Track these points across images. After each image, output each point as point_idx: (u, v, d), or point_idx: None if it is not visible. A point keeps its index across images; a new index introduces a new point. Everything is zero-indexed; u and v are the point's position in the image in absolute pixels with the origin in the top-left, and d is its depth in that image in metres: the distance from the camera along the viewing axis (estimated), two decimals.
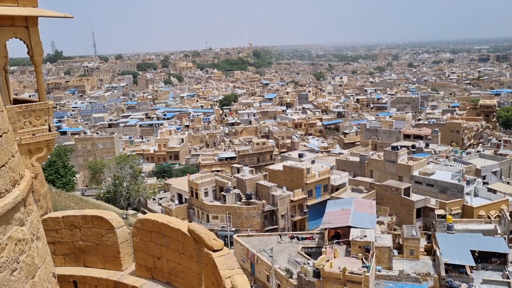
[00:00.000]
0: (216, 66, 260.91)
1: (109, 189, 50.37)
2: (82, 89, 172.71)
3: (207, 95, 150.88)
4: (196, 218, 52.06)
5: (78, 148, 78.62)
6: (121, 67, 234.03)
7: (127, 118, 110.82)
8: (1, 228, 5.54)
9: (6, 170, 5.98)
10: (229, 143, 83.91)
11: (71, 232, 10.08)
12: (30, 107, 9.92)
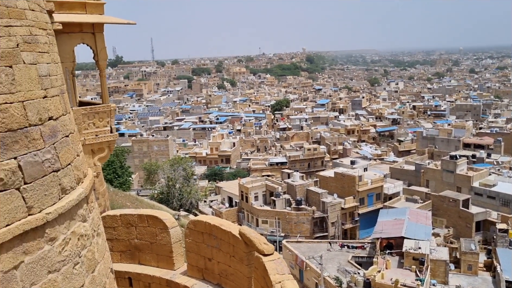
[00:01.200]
0: (269, 71, 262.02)
1: (162, 190, 51.90)
2: (140, 93, 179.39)
3: (259, 100, 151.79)
4: (246, 221, 52.40)
5: (134, 150, 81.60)
6: (177, 72, 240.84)
7: (181, 122, 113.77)
8: (65, 223, 5.85)
9: (72, 168, 6.31)
10: (280, 148, 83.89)
11: (127, 230, 10.47)
12: (94, 109, 10.48)
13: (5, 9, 5.40)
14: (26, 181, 5.32)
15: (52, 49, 6.64)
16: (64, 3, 9.83)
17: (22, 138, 5.36)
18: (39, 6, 6.41)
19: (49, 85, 6.12)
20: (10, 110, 5.24)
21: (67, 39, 9.88)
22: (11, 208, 5.08)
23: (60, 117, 6.28)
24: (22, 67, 5.53)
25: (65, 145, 6.24)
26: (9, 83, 5.28)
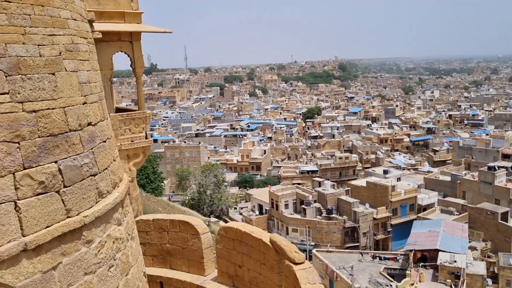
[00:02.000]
0: (301, 79, 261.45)
1: (193, 196, 52.39)
2: (173, 100, 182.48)
3: (291, 108, 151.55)
4: (276, 229, 52.19)
5: (167, 156, 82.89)
6: (209, 79, 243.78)
7: (213, 129, 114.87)
8: (101, 226, 6.00)
9: (108, 173, 6.48)
10: (311, 156, 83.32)
11: (159, 235, 10.62)
12: (130, 116, 10.76)
13: (49, 19, 5.63)
14: (66, 185, 5.50)
15: (92, 57, 6.86)
16: (104, 13, 10.18)
17: (63, 142, 5.54)
18: (80, 15, 6.65)
19: (89, 91, 6.33)
20: (52, 116, 5.45)
21: (106, 47, 10.22)
22: (51, 210, 5.26)
23: (98, 123, 6.48)
24: (64, 75, 5.74)
25: (103, 150, 6.42)
26: (52, 89, 5.48)
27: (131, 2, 10.61)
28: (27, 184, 5.02)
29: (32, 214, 5.02)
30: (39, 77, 5.32)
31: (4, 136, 4.86)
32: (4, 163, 4.83)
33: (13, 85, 5.01)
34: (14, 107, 4.99)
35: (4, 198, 4.79)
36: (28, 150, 5.09)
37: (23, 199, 4.96)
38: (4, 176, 4.81)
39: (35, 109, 5.22)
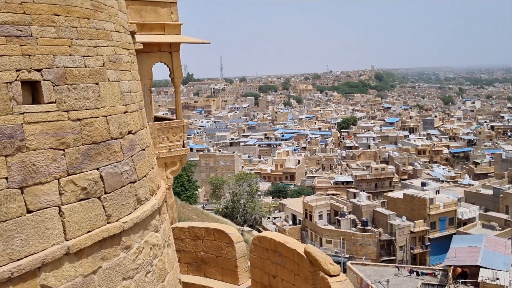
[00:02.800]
0: (336, 89, 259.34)
1: (227, 205, 52.68)
2: (208, 109, 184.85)
3: (326, 118, 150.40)
4: (309, 240, 51.63)
5: (201, 164, 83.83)
6: (244, 89, 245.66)
7: (247, 138, 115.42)
8: (139, 232, 6.13)
9: (147, 180, 6.63)
10: (346, 167, 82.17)
11: (194, 243, 10.73)
12: (168, 125, 11.01)
13: (94, 31, 5.85)
14: (107, 191, 5.67)
15: (133, 67, 7.08)
16: (145, 25, 10.51)
17: (104, 150, 5.72)
18: (123, 27, 6.88)
19: (130, 101, 6.52)
20: (95, 124, 5.64)
21: (146, 58, 10.53)
22: (92, 215, 5.43)
23: (138, 131, 6.65)
24: (107, 84, 5.94)
25: (142, 158, 6.58)
26: (95, 99, 5.69)
27: (171, 14, 10.91)
28: (70, 190, 5.21)
29: (75, 219, 5.20)
30: (83, 87, 5.53)
31: (51, 144, 5.07)
32: (50, 169, 5.03)
33: (60, 95, 5.23)
34: (60, 116, 5.21)
35: (49, 203, 4.99)
36: (72, 157, 5.28)
37: (67, 204, 5.15)
38: (49, 181, 5.01)
39: (80, 117, 5.42)
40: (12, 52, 4.80)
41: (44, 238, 4.87)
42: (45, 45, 5.13)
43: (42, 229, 4.86)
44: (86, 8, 5.76)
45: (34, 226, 4.80)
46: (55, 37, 5.26)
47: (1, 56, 4.69)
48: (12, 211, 4.64)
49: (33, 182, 4.85)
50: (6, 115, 4.68)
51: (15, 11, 4.87)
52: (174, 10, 11.00)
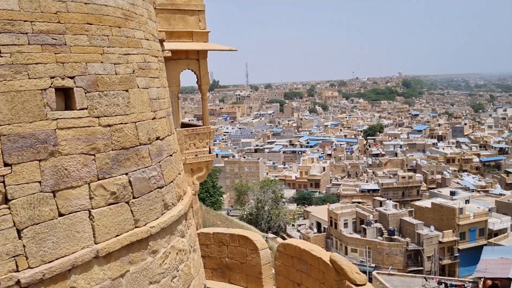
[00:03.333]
0: (362, 96, 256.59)
1: (251, 211, 52.62)
2: (233, 116, 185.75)
3: (351, 125, 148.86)
4: (334, 248, 51.01)
5: (226, 170, 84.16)
6: (270, 96, 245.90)
7: (272, 144, 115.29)
8: (166, 237, 6.20)
9: (174, 186, 6.71)
10: (372, 175, 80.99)
11: (219, 249, 10.76)
12: (195, 131, 11.14)
13: (125, 39, 5.99)
14: (135, 196, 5.76)
15: (162, 74, 7.20)
16: (174, 33, 10.71)
17: (133, 155, 5.83)
18: (153, 35, 7.02)
19: (158, 107, 6.62)
20: (125, 130, 5.75)
21: (174, 65, 10.71)
22: (120, 220, 5.52)
23: (166, 137, 6.75)
24: (136, 91, 6.06)
25: (169, 164, 6.66)
26: (125, 105, 5.81)
27: (199, 22, 11.08)
28: (100, 194, 5.32)
29: (104, 223, 5.30)
30: (114, 94, 5.66)
31: (82, 149, 5.20)
32: (81, 173, 5.16)
33: (91, 101, 5.37)
34: (92, 122, 5.34)
35: (79, 206, 5.11)
36: (102, 162, 5.40)
37: (97, 208, 5.26)
38: (80, 186, 5.13)
39: (110, 123, 5.55)
40: (47, 60, 4.96)
41: (75, 241, 4.98)
42: (78, 53, 5.29)
43: (72, 232, 4.98)
44: (117, 17, 5.90)
45: (65, 229, 4.92)
46: (87, 45, 5.41)
47: (37, 63, 4.86)
48: (45, 214, 4.77)
49: (64, 186, 4.98)
50: (40, 121, 4.83)
51: (50, 21, 5.04)
52: (202, 18, 11.17)
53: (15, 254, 4.50)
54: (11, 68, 4.65)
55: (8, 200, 4.53)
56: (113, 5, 5.87)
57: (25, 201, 4.63)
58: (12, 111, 4.62)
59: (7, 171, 4.54)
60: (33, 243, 4.63)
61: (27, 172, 4.68)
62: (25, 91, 4.74)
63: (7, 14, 4.64)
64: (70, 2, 5.26)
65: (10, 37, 4.66)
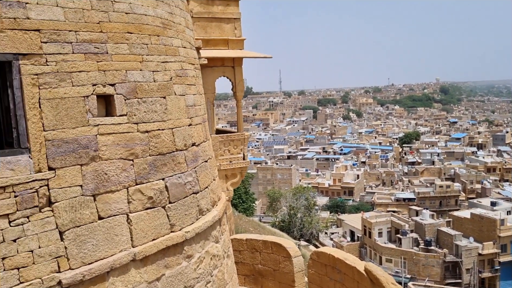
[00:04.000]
0: (398, 103, 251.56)
1: (284, 218, 52.37)
2: (266, 122, 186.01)
3: (386, 132, 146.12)
4: (368, 258, 50.03)
5: (259, 177, 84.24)
6: (303, 102, 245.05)
7: (305, 151, 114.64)
8: (201, 242, 6.26)
9: (209, 192, 6.78)
10: (408, 183, 79.11)
11: (252, 255, 10.76)
12: (229, 137, 11.26)
13: (163, 47, 6.14)
14: (171, 201, 5.86)
15: (198, 81, 7.31)
16: (210, 40, 10.90)
17: (170, 161, 5.94)
18: (189, 43, 7.16)
19: (194, 114, 6.73)
20: (162, 136, 5.88)
21: (210, 72, 10.89)
22: (157, 224, 5.63)
23: (201, 144, 6.84)
24: (174, 98, 6.19)
25: (204, 170, 6.75)
26: (163, 112, 5.93)
27: (235, 29, 11.23)
28: (138, 198, 5.44)
29: (141, 227, 5.42)
30: (152, 101, 5.80)
31: (121, 154, 5.35)
32: (120, 178, 5.30)
33: (130, 108, 5.52)
34: (131, 128, 5.48)
35: (118, 210, 5.24)
36: (140, 167, 5.53)
37: (134, 213, 5.38)
38: (119, 190, 5.27)
39: (148, 129, 5.68)
40: (90, 68, 5.14)
41: (113, 244, 5.11)
42: (119, 61, 5.45)
43: (111, 235, 5.11)
44: (156, 26, 6.06)
45: (104, 232, 5.06)
46: (127, 54, 5.58)
47: (80, 71, 5.04)
48: (85, 217, 4.93)
49: (104, 190, 5.13)
50: (82, 127, 5.01)
51: (93, 30, 5.23)
52: (238, 26, 11.32)
53: (57, 255, 4.66)
54: (56, 76, 4.84)
55: (52, 203, 4.70)
56: (153, 14, 6.03)
57: (67, 204, 4.80)
58: (57, 117, 4.81)
59: (51, 175, 4.72)
60: (74, 245, 4.78)
61: (69, 176, 4.85)
62: (68, 98, 4.92)
63: (53, 24, 4.85)
64: (112, 12, 5.44)
65: (56, 46, 4.86)
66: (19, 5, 4.60)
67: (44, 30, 4.77)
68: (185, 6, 7.45)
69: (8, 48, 4.49)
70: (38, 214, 4.59)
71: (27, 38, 4.64)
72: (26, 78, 4.62)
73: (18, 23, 4.58)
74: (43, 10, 4.78)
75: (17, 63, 4.58)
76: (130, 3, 5.70)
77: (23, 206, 4.49)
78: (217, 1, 11.05)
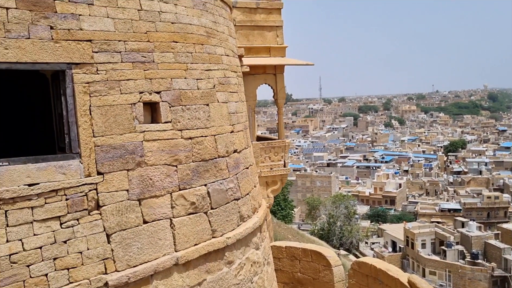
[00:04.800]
0: (443, 110, 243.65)
1: (323, 227, 51.74)
2: (306, 129, 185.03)
3: (431, 140, 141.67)
4: (411, 269, 48.53)
5: (298, 184, 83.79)
6: (343, 109, 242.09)
7: (345, 159, 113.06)
8: (241, 249, 6.29)
9: (249, 198, 6.81)
10: (453, 193, 76.34)
11: (291, 263, 10.70)
12: (270, 144, 11.30)
13: (207, 56, 6.26)
14: (213, 207, 5.94)
15: (240, 89, 7.40)
16: (252, 48, 11.02)
17: (212, 167, 6.02)
18: (232, 51, 7.26)
19: (236, 121, 6.80)
20: (205, 143, 5.98)
21: (252, 80, 10.99)
22: (199, 229, 5.71)
23: (243, 150, 6.90)
24: (216, 105, 6.28)
25: (245, 176, 6.79)
26: (206, 119, 6.04)
27: (277, 37, 11.30)
28: (181, 204, 5.55)
29: (184, 232, 5.52)
30: (196, 108, 5.92)
31: (166, 160, 5.48)
32: (164, 183, 5.43)
33: (175, 115, 5.65)
34: (175, 134, 5.62)
35: (162, 215, 5.37)
36: (184, 173, 5.65)
37: (177, 217, 5.49)
38: (163, 195, 5.40)
39: (191, 136, 5.80)
40: (137, 76, 5.32)
41: (157, 248, 5.23)
42: (164, 70, 5.61)
43: (155, 239, 5.23)
44: (200, 34, 6.19)
45: (148, 236, 5.19)
46: (173, 62, 5.73)
47: (128, 80, 5.23)
48: (131, 220, 5.08)
49: (149, 195, 5.27)
50: (129, 133, 5.18)
51: (141, 40, 5.41)
52: (280, 34, 11.38)
53: (104, 257, 4.82)
54: (106, 84, 5.04)
55: (100, 206, 4.88)
56: (197, 23, 6.17)
57: (114, 208, 4.96)
58: (106, 124, 5.00)
59: (100, 179, 4.90)
60: (120, 248, 4.93)
61: (116, 181, 5.02)
62: (117, 105, 5.11)
63: (104, 35, 5.06)
64: (158, 22, 5.61)
65: (106, 55, 5.07)
66: (73, 17, 4.83)
67: (95, 40, 4.98)
68: (229, 15, 7.57)
69: (62, 58, 4.72)
70: (87, 217, 4.78)
71: (80, 48, 4.86)
72: (78, 86, 4.84)
73: (72, 34, 4.81)
74: (95, 21, 5.00)
75: (70, 72, 4.81)
76: (176, 13, 5.86)
77: (74, 209, 4.68)
78: (259, 10, 11.16)
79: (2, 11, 4.34)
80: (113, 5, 5.18)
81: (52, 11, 4.67)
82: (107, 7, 5.12)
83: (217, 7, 6.87)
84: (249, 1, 11.12)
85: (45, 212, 4.50)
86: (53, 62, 4.67)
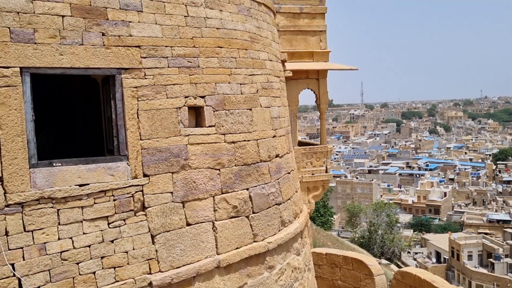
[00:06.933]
0: (492, 116, 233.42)
1: (363, 235, 50.68)
2: (347, 135, 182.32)
3: (478, 148, 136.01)
4: (456, 282, 46.66)
5: (338, 190, 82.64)
6: (385, 115, 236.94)
7: (387, 166, 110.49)
8: (282, 254, 6.27)
9: (291, 203, 6.78)
10: (503, 204, 72.84)
11: (331, 270, 10.55)
12: (312, 150, 11.23)
13: (250, 61, 6.30)
14: (254, 211, 5.95)
15: (283, 94, 7.40)
16: (295, 53, 11.01)
17: (254, 172, 6.05)
18: (275, 56, 7.28)
19: (278, 126, 6.80)
20: (247, 147, 6.01)
21: (294, 85, 10.98)
22: (241, 233, 5.74)
23: (285, 155, 6.88)
24: (259, 110, 6.31)
25: (287, 181, 6.77)
26: (248, 123, 6.08)
27: (320, 42, 11.24)
28: (223, 207, 5.61)
29: (226, 235, 5.56)
30: (239, 112, 5.96)
31: (209, 163, 5.55)
32: (207, 187, 5.50)
33: (219, 119, 5.73)
34: (218, 138, 5.68)
35: (204, 218, 5.44)
36: (226, 176, 5.70)
37: (219, 221, 5.55)
38: (206, 198, 5.47)
39: (234, 140, 5.85)
40: (183, 81, 5.43)
41: (199, 250, 5.30)
42: (209, 74, 5.70)
43: (198, 242, 5.31)
44: (244, 40, 6.25)
45: (191, 238, 5.27)
46: (217, 67, 5.81)
47: (174, 84, 5.35)
48: (175, 222, 5.17)
49: (192, 197, 5.35)
50: (174, 137, 5.29)
51: (187, 45, 5.53)
52: (323, 38, 11.31)
53: (149, 257, 4.94)
54: (153, 88, 5.18)
55: (145, 207, 5.01)
56: (241, 29, 6.23)
57: (159, 210, 5.08)
58: (152, 127, 5.13)
59: (146, 181, 5.03)
60: (164, 249, 5.03)
61: (161, 183, 5.14)
62: (163, 109, 5.23)
63: (152, 40, 5.21)
64: (204, 28, 5.72)
65: (154, 61, 5.21)
66: (123, 24, 5.00)
67: (144, 46, 5.13)
68: (272, 20, 7.60)
69: (112, 63, 4.90)
70: (133, 217, 4.91)
71: (129, 53, 5.03)
72: (127, 90, 5.00)
73: (122, 40, 4.98)
74: (144, 28, 5.15)
75: (119, 77, 4.98)
76: (221, 18, 5.95)
77: (121, 210, 4.83)
78: (303, 14, 11.13)
79: (58, 19, 4.55)
80: (161, 12, 5.33)
81: (104, 18, 4.86)
82: (155, 14, 5.27)
83: (261, 12, 6.91)
84: (293, 6, 11.11)
85: (94, 212, 4.66)
86: (104, 67, 4.85)
